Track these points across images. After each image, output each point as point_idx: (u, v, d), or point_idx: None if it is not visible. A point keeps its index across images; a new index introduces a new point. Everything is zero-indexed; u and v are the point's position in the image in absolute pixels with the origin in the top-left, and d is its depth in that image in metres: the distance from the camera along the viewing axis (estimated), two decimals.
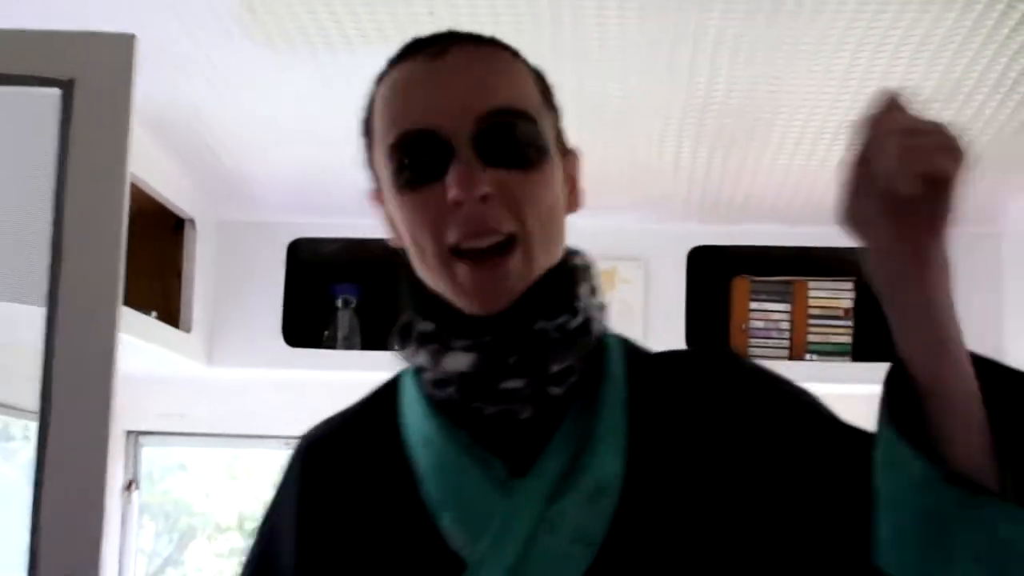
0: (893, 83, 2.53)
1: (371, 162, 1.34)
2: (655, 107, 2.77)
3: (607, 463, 1.19)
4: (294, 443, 1.44)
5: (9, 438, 3.81)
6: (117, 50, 2.19)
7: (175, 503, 7.34)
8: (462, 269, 1.19)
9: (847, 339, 3.61)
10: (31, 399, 2.15)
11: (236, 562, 7.77)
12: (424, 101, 1.21)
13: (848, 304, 3.62)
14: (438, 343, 1.23)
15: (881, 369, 1.11)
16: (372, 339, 3.68)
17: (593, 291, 1.28)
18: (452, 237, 1.18)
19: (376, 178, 1.34)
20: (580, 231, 1.34)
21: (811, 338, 3.62)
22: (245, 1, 2.29)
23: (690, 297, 3.61)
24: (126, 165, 2.19)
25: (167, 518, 7.40)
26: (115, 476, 3.82)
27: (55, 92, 2.18)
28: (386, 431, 1.31)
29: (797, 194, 3.32)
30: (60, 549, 2.10)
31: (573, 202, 1.32)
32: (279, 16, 2.35)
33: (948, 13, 2.25)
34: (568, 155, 1.32)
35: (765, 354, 3.55)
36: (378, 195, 1.36)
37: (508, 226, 1.18)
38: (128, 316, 2.57)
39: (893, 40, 2.36)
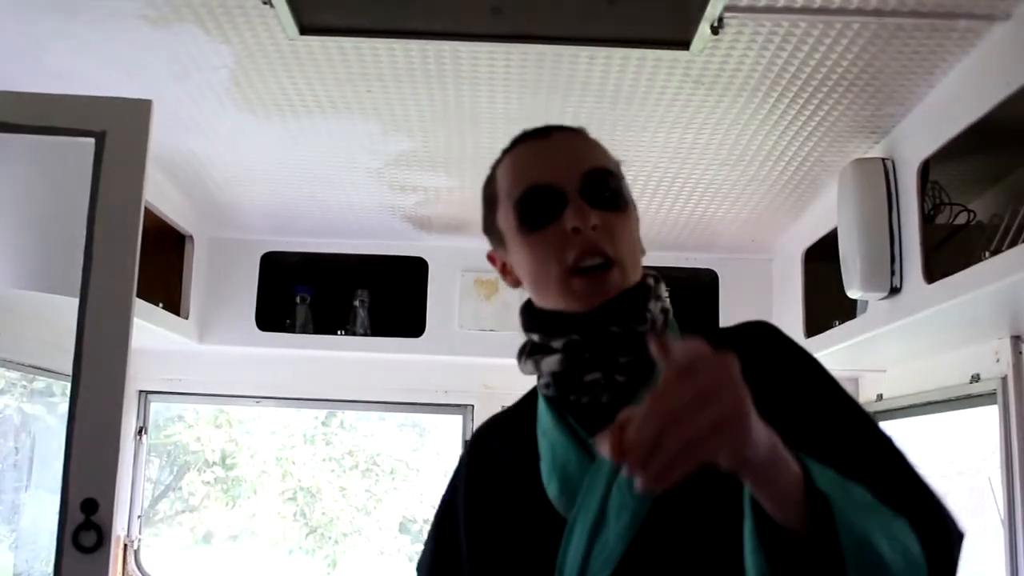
0: (701, 150, 2.59)
1: (492, 224, 1.31)
2: None
3: None
4: (265, 401, 1.41)
5: (51, 395, 3.75)
6: (138, 111, 2.17)
7: (174, 445, 7.24)
8: (578, 282, 1.19)
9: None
10: (67, 366, 2.12)
11: (221, 488, 7.61)
12: (540, 166, 1.23)
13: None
14: (540, 352, 1.23)
15: None
16: (321, 326, 3.68)
17: (659, 299, 1.25)
18: (571, 259, 1.19)
19: (497, 236, 1.30)
20: (482, 251, 1.34)
21: None
22: (233, 79, 2.28)
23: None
24: (142, 194, 2.18)
25: (168, 456, 7.30)
26: (129, 424, 3.75)
27: (91, 141, 2.16)
28: (526, 427, 1.28)
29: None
30: (87, 477, 2.07)
31: (640, 240, 1.30)
32: (258, 90, 2.34)
33: (737, 100, 2.30)
34: (636, 209, 1.30)
35: None
36: (496, 252, 1.33)
37: (609, 251, 1.19)
38: (141, 306, 2.54)
39: (699, 119, 2.41)
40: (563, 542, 1.14)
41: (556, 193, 1.20)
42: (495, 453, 1.33)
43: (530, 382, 1.31)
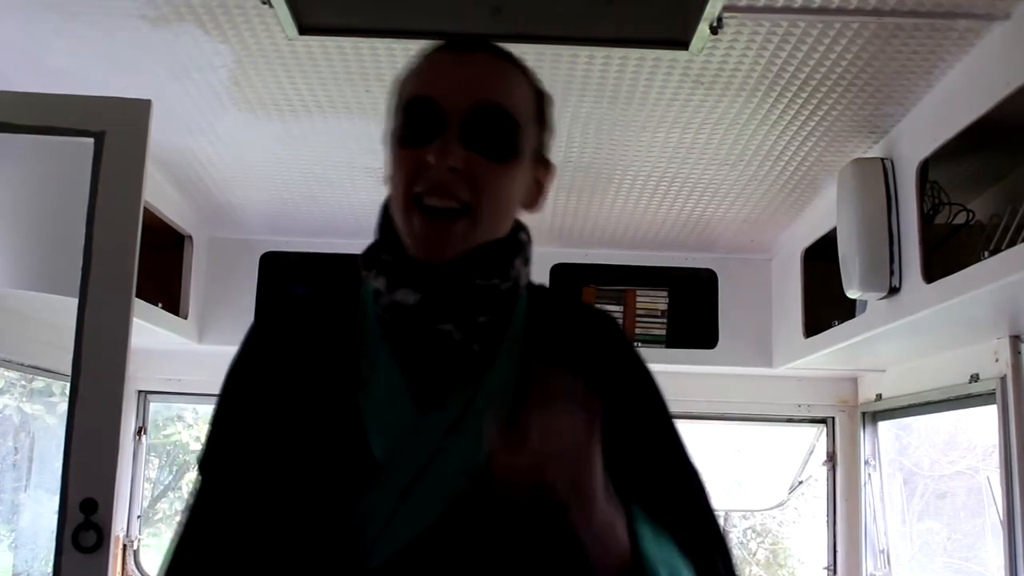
0: (701, 150, 2.59)
1: (388, 123, 1.20)
2: None
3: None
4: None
5: (51, 394, 3.74)
6: (138, 111, 2.17)
7: (174, 444, 7.23)
8: (417, 219, 1.10)
9: (662, 332, 3.65)
10: (66, 366, 2.12)
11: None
12: (437, 79, 1.13)
13: (664, 306, 3.66)
14: (393, 275, 1.13)
15: (686, 354, 1.13)
16: None
17: (526, 262, 1.18)
18: (418, 188, 1.09)
19: (385, 136, 1.18)
20: None
21: (638, 331, 3.65)
22: (233, 78, 2.28)
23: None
24: (141, 194, 2.17)
25: (167, 455, 7.29)
26: (128, 424, 3.75)
27: (91, 140, 2.16)
28: (345, 330, 1.18)
29: (628, 227, 3.37)
30: (87, 477, 2.07)
31: (533, 201, 1.22)
32: (258, 90, 2.34)
33: (736, 100, 2.30)
34: (545, 165, 1.23)
35: None
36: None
37: (464, 197, 1.09)
38: (140, 306, 2.53)
39: (698, 119, 2.41)
40: (373, 486, 1.07)
41: (437, 114, 1.10)
42: (302, 345, 1.19)
43: None
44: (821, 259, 3.02)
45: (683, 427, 1.21)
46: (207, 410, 6.88)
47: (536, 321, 1.19)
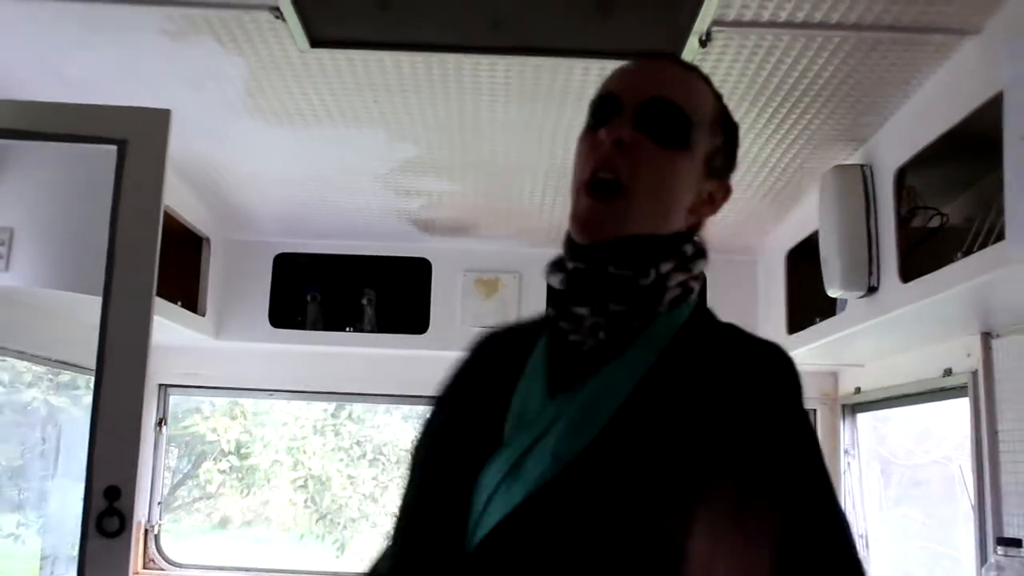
0: None
1: None
2: (527, 168, 2.79)
3: (605, 406, 1.01)
4: (277, 394, 1.28)
5: (76, 388, 3.74)
6: (158, 120, 2.17)
7: (192, 435, 7.23)
8: (583, 199, 1.07)
9: None
10: (91, 361, 2.12)
11: (236, 477, 7.58)
12: (621, 78, 1.11)
13: None
14: (556, 267, 1.12)
15: None
16: (330, 324, 3.67)
17: (684, 270, 1.09)
18: (587, 171, 1.07)
19: None
20: (483, 252, 1.30)
21: None
22: (248, 90, 2.27)
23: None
24: (161, 199, 2.18)
25: (186, 446, 7.30)
26: (149, 416, 3.75)
27: (114, 148, 2.16)
28: (531, 338, 1.14)
29: None
30: (110, 466, 2.07)
31: (702, 212, 1.13)
32: (271, 100, 2.34)
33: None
34: (720, 182, 1.16)
35: None
36: None
37: (624, 174, 1.05)
38: (160, 304, 2.54)
39: None
40: (490, 459, 1.03)
41: (616, 103, 1.08)
42: (493, 353, 1.19)
43: None
44: (804, 260, 3.02)
45: None
46: (223, 403, 6.88)
47: (692, 338, 1.08)
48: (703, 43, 1.91)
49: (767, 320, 3.43)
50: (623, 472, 0.97)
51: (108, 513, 2.04)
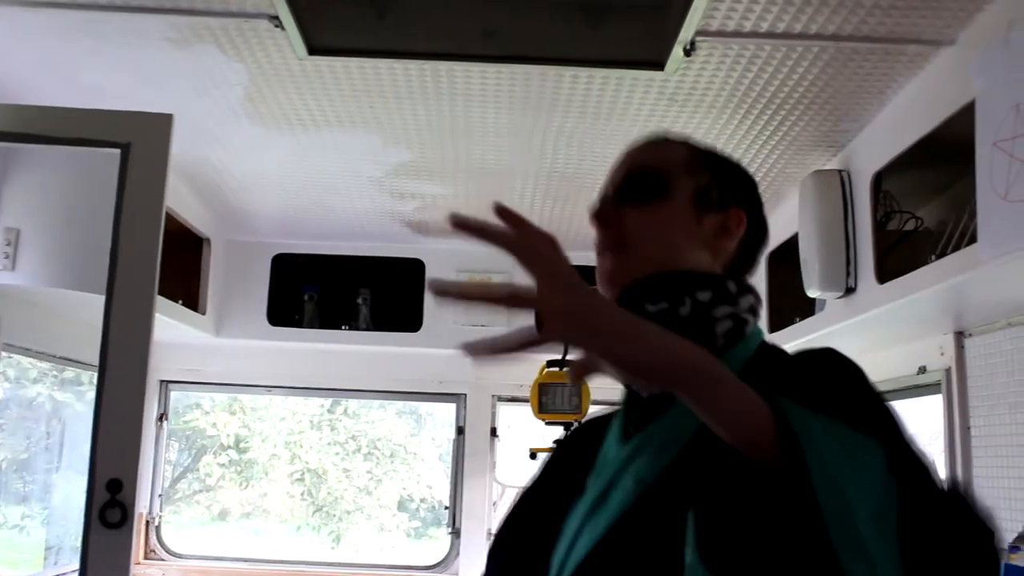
0: None
1: None
2: (518, 172, 2.79)
3: (683, 429, 0.98)
4: (275, 390, 1.32)
5: (80, 383, 3.74)
6: (160, 124, 2.17)
7: (192, 430, 7.22)
8: (598, 262, 1.15)
9: None
10: (94, 357, 2.12)
11: (235, 470, 7.59)
12: (607, 178, 1.19)
13: None
14: None
15: None
16: (327, 322, 3.67)
17: (730, 303, 1.08)
18: (598, 245, 1.15)
19: None
20: (474, 253, 1.31)
21: None
22: (248, 95, 2.28)
23: None
24: (163, 200, 2.17)
25: (187, 440, 7.28)
26: (151, 410, 3.75)
27: (117, 151, 2.15)
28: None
29: None
30: (112, 459, 2.07)
31: (717, 242, 1.15)
32: (270, 106, 2.34)
33: (707, 117, 2.30)
34: (727, 212, 1.17)
35: None
36: None
37: (618, 238, 1.12)
38: (162, 303, 2.53)
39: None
40: (572, 510, 1.07)
41: (607, 197, 1.16)
42: (584, 434, 1.22)
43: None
44: (784, 262, 3.02)
45: None
46: (223, 398, 6.86)
47: (765, 364, 1.06)
48: (687, 52, 1.92)
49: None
50: (706, 486, 0.94)
51: (110, 505, 2.04)
